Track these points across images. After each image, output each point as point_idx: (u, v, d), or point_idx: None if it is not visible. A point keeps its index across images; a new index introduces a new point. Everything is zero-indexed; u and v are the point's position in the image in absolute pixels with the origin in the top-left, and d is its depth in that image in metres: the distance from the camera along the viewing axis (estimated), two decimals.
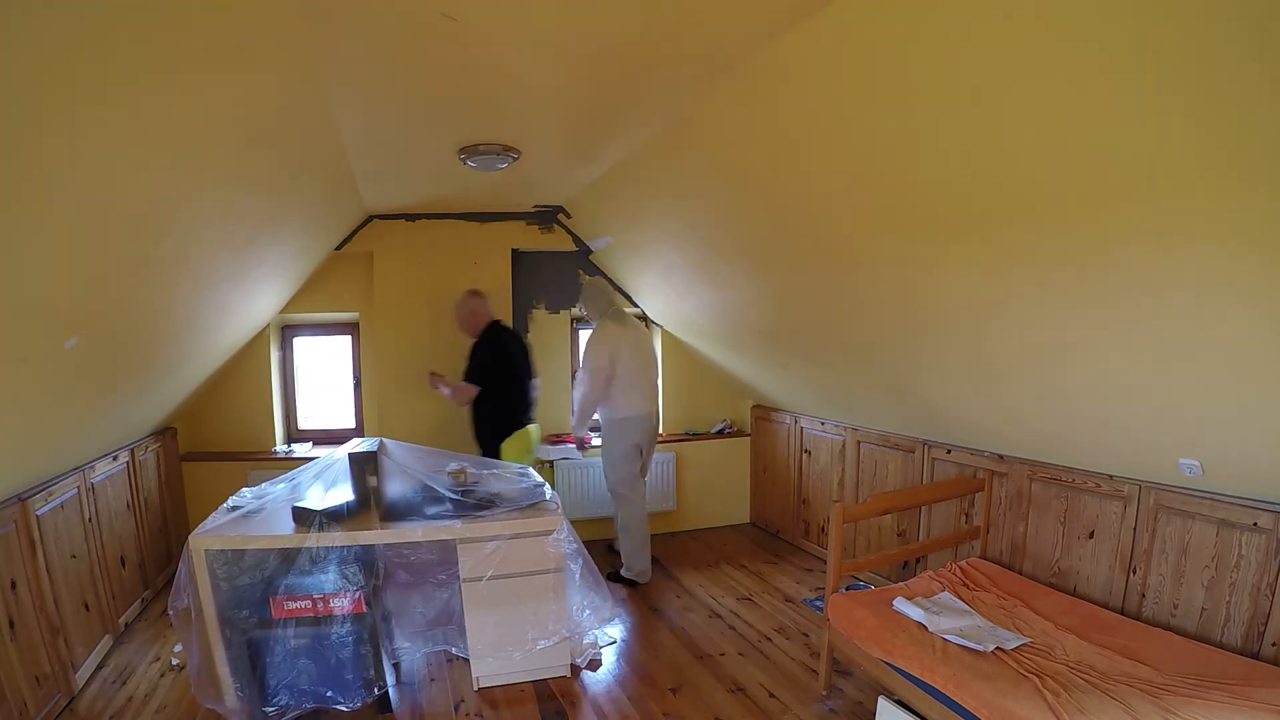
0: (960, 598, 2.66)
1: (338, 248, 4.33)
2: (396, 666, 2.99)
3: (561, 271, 4.80)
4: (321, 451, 3.93)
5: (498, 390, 3.62)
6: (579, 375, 3.90)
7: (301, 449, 4.45)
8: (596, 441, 4.76)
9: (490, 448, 3.63)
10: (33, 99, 1.24)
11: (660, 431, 4.21)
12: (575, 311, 4.88)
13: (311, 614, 2.54)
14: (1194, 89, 1.33)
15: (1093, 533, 2.68)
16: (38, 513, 2.52)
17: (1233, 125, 1.35)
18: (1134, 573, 2.53)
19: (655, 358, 3.97)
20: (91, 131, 1.44)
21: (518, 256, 4.65)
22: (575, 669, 2.98)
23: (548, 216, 4.63)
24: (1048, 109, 1.59)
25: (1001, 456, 3.07)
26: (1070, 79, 1.49)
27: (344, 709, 2.57)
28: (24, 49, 1.14)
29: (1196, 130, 1.41)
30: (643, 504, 3.92)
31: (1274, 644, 2.11)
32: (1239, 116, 1.33)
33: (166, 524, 3.85)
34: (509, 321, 4.54)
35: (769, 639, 3.28)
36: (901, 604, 2.54)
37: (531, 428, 3.72)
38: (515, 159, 3.02)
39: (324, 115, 2.39)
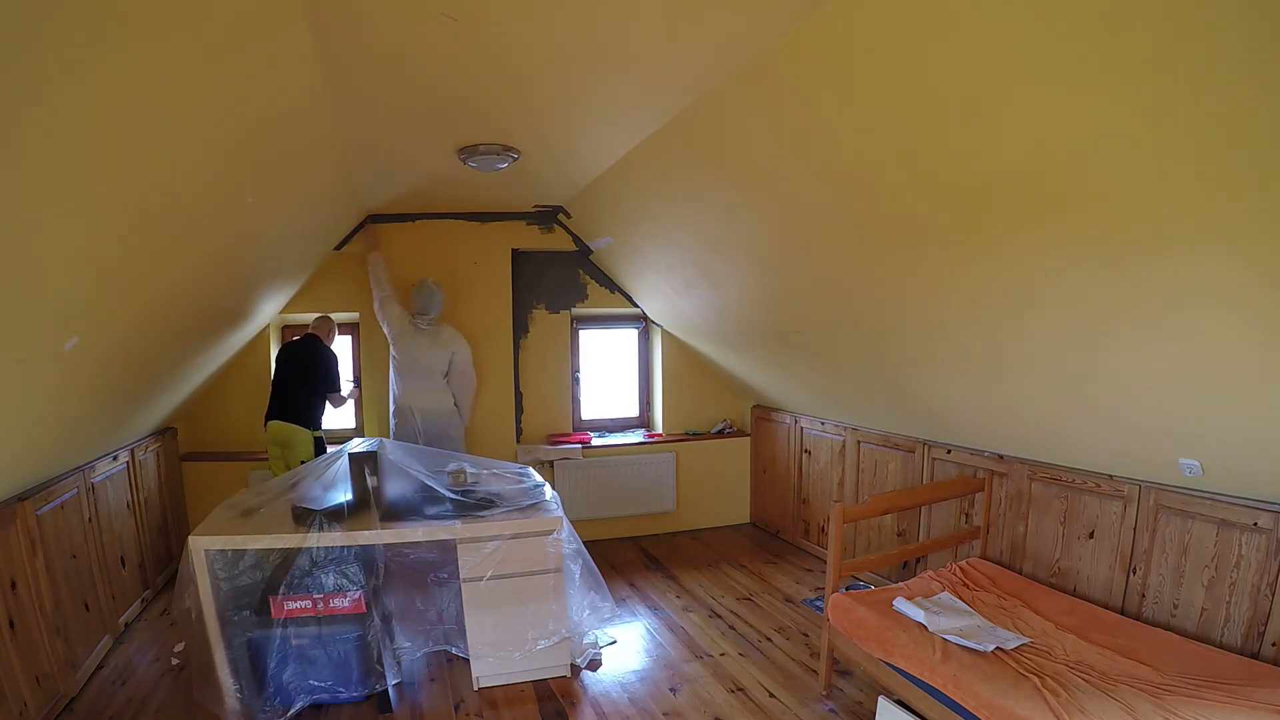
0: (960, 598, 2.66)
1: (337, 248, 4.34)
2: (397, 666, 2.99)
3: (561, 271, 4.80)
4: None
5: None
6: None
7: None
8: (596, 442, 4.79)
9: None
10: (34, 99, 1.23)
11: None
12: (576, 311, 4.88)
13: (312, 614, 2.54)
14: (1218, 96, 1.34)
15: (1093, 533, 2.68)
16: (38, 513, 2.52)
17: (1231, 131, 1.35)
18: (1134, 573, 2.53)
19: (433, 374, 4.09)
20: (92, 131, 1.44)
21: (518, 256, 4.65)
22: (575, 669, 2.99)
23: (548, 216, 4.63)
24: (1055, 112, 1.59)
25: (1001, 456, 3.07)
26: (1076, 80, 1.49)
27: (344, 708, 2.58)
28: (25, 49, 1.14)
29: (1198, 136, 1.41)
30: None
31: (1274, 644, 2.11)
32: (1238, 121, 1.33)
33: (166, 524, 3.85)
34: (508, 321, 4.61)
35: (769, 639, 3.28)
36: (901, 604, 2.54)
37: (273, 424, 3.74)
38: (515, 159, 3.03)
39: (323, 115, 2.39)
